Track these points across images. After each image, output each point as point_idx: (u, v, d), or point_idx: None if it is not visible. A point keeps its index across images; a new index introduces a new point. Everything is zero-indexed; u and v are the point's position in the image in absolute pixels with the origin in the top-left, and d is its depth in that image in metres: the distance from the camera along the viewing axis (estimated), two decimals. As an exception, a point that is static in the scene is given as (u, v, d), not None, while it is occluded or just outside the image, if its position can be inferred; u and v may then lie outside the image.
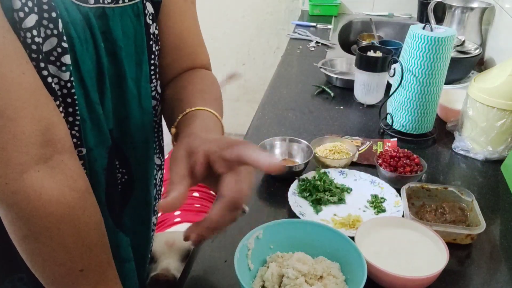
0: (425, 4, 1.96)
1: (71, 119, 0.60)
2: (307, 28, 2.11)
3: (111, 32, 0.63)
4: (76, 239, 0.56)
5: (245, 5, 2.62)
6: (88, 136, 0.63)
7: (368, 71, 1.32)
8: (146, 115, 0.72)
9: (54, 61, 0.56)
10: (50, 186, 0.53)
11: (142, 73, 0.69)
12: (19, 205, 0.52)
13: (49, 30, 0.54)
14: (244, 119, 2.82)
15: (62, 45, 0.56)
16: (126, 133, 0.71)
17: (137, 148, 0.73)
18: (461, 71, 1.52)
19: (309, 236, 0.76)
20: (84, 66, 0.60)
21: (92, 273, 0.58)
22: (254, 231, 0.73)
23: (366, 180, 1.02)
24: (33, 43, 0.53)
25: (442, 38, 1.09)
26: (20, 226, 0.54)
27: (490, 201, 0.98)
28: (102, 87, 0.64)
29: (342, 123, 1.29)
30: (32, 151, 0.52)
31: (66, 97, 0.58)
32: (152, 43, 0.69)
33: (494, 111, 1.07)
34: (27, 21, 0.52)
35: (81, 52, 0.59)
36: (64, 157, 0.56)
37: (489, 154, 1.11)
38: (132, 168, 0.74)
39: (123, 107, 0.69)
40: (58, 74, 0.57)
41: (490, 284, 0.78)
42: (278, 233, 0.75)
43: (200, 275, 0.80)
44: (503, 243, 0.87)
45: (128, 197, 0.76)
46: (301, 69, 1.69)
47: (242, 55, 2.79)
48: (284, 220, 0.78)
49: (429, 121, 1.20)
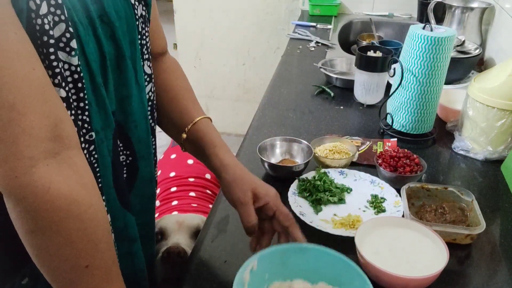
0: (425, 4, 1.96)
1: (82, 104, 0.61)
2: (307, 28, 2.11)
3: (107, 14, 0.65)
4: (82, 235, 0.56)
5: (245, 5, 2.62)
6: (94, 119, 0.64)
7: (368, 71, 1.32)
8: (142, 91, 0.75)
9: (63, 47, 0.58)
10: (58, 181, 0.54)
11: (136, 51, 0.72)
12: (28, 198, 0.53)
13: (57, 16, 0.56)
14: (244, 119, 2.82)
15: (70, 30, 0.58)
16: (128, 112, 0.73)
17: (138, 126, 0.75)
18: (461, 71, 1.52)
19: (307, 261, 0.71)
20: (89, 50, 0.62)
21: (96, 270, 0.59)
22: (249, 262, 0.67)
23: (366, 180, 1.02)
24: (50, 29, 0.55)
25: (442, 38, 1.09)
26: (28, 220, 0.54)
27: (490, 201, 0.98)
28: (105, 69, 0.66)
29: (342, 123, 1.29)
30: (41, 145, 0.53)
31: (77, 82, 0.60)
32: (138, 23, 0.72)
33: (494, 111, 1.07)
34: (42, 8, 0.54)
35: (84, 36, 0.61)
36: (71, 153, 0.56)
37: (489, 154, 1.11)
38: (135, 148, 0.77)
39: (124, 87, 0.71)
40: (68, 60, 0.58)
41: (490, 284, 0.78)
42: (274, 261, 0.70)
43: (200, 275, 0.80)
44: (503, 243, 0.87)
45: (134, 177, 0.79)
46: (301, 69, 1.69)
47: (242, 55, 2.79)
48: (278, 246, 0.72)
49: (429, 121, 1.20)
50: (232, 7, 2.64)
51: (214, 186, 1.40)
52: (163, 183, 1.38)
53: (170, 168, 1.42)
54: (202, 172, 1.41)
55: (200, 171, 1.41)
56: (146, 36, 0.76)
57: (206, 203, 1.30)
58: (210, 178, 1.41)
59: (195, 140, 0.82)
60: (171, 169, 1.41)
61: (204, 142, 0.80)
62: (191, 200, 1.30)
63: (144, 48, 0.75)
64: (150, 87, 0.79)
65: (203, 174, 1.41)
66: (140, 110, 0.75)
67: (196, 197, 1.33)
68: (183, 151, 0.86)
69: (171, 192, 1.33)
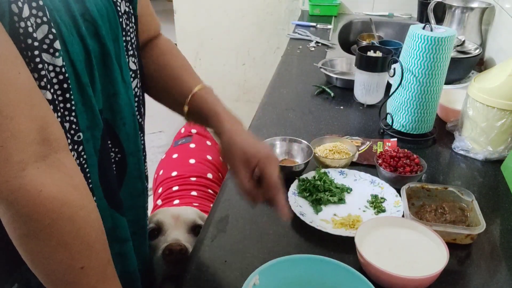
0: (425, 4, 1.96)
1: (68, 105, 0.61)
2: (307, 28, 2.11)
3: (90, 12, 0.65)
4: (75, 236, 0.56)
5: (245, 5, 2.62)
6: (80, 119, 0.64)
7: (368, 71, 1.32)
8: (129, 88, 0.75)
9: (47, 49, 0.57)
10: (49, 183, 0.54)
11: (120, 49, 0.72)
12: (19, 202, 0.52)
13: (39, 18, 0.56)
14: (244, 119, 2.82)
15: (52, 31, 0.57)
16: (115, 110, 0.73)
17: (126, 123, 0.75)
18: (461, 71, 1.52)
19: (310, 272, 0.70)
20: (73, 50, 0.61)
21: (92, 271, 0.58)
22: (250, 278, 0.67)
23: (366, 180, 1.02)
24: (33, 32, 0.55)
25: (442, 38, 1.09)
26: (20, 224, 0.54)
27: (490, 201, 0.98)
28: (91, 68, 0.66)
29: (342, 123, 1.29)
30: (30, 149, 0.53)
31: (62, 83, 0.60)
32: (121, 20, 0.72)
33: (494, 111, 1.07)
34: (24, 11, 0.53)
35: (68, 36, 0.60)
36: (60, 155, 0.56)
37: (489, 154, 1.11)
38: (124, 145, 0.76)
39: (110, 85, 0.71)
40: (53, 61, 0.58)
41: (490, 284, 0.78)
42: (276, 274, 0.69)
43: (200, 275, 0.80)
44: (503, 243, 0.87)
45: (123, 174, 0.78)
46: (301, 69, 1.69)
47: (242, 55, 2.79)
48: (280, 259, 0.71)
49: (429, 121, 1.20)
50: (232, 7, 2.64)
51: (216, 186, 1.40)
52: (165, 182, 1.38)
53: (172, 168, 1.42)
54: (204, 172, 1.40)
55: (202, 170, 1.41)
56: (131, 32, 0.76)
57: (208, 203, 1.30)
58: (212, 178, 1.41)
59: (196, 111, 0.82)
60: (173, 168, 1.41)
61: (204, 111, 0.81)
62: (193, 199, 1.29)
63: (128, 45, 0.75)
64: (136, 83, 0.79)
65: (205, 173, 1.40)
66: (127, 107, 0.75)
67: (198, 196, 1.32)
68: (187, 122, 0.87)
69: (173, 191, 1.33)
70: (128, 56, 0.76)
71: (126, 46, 0.75)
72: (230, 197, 0.98)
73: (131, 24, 0.76)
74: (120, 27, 0.71)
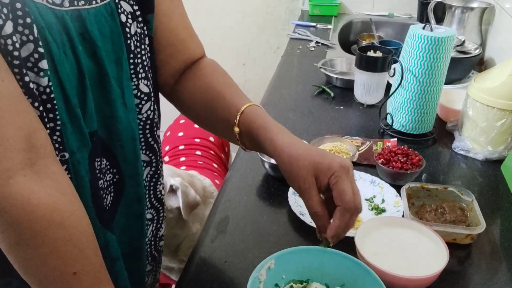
0: (425, 4, 1.96)
1: (52, 124, 0.59)
2: (307, 28, 2.11)
3: (89, 32, 0.63)
4: (67, 242, 0.56)
5: (245, 5, 2.62)
6: (69, 140, 0.62)
7: (368, 71, 1.32)
8: (131, 112, 0.73)
9: (31, 67, 0.56)
10: (38, 190, 0.53)
11: (123, 72, 0.70)
12: (8, 211, 0.52)
13: (25, 36, 0.54)
14: (244, 119, 2.80)
15: (39, 51, 0.56)
16: (113, 131, 0.71)
17: (125, 146, 0.73)
18: (461, 71, 1.52)
19: (325, 264, 0.70)
20: (63, 70, 0.60)
21: (85, 276, 0.58)
22: (266, 261, 0.68)
23: (366, 180, 1.02)
24: (14, 50, 0.53)
25: (442, 38, 1.09)
26: (10, 233, 0.53)
27: (490, 201, 0.98)
28: (83, 89, 0.64)
29: (342, 123, 1.29)
30: (17, 156, 0.52)
31: (46, 103, 0.58)
32: (130, 42, 0.70)
33: (494, 111, 1.07)
34: (6, 28, 0.52)
35: (58, 56, 0.59)
36: (47, 161, 0.56)
37: (489, 154, 1.11)
38: (121, 167, 0.75)
39: (107, 106, 0.69)
40: (37, 80, 0.57)
41: (490, 284, 0.78)
42: (291, 262, 0.70)
43: (200, 275, 0.80)
44: (503, 243, 0.87)
45: (120, 195, 0.77)
46: (301, 69, 1.69)
47: (242, 55, 2.78)
48: (297, 248, 0.71)
49: (429, 121, 1.20)
50: (232, 7, 2.64)
51: (217, 148, 1.57)
52: (172, 141, 1.54)
53: (179, 129, 1.58)
54: (207, 135, 1.56)
55: (205, 133, 1.54)
56: (143, 54, 0.73)
57: (210, 162, 1.48)
58: (214, 141, 1.57)
59: (247, 130, 0.74)
60: (179, 129, 1.58)
61: (255, 129, 0.73)
62: (198, 158, 1.46)
63: (138, 67, 0.73)
64: (148, 105, 0.76)
65: (207, 137, 1.56)
66: (127, 131, 0.72)
67: (202, 155, 1.49)
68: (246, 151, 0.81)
69: (179, 149, 1.49)
70: (138, 79, 0.73)
71: (135, 69, 0.72)
72: (230, 197, 0.99)
73: (144, 46, 0.73)
74: (125, 49, 0.69)
